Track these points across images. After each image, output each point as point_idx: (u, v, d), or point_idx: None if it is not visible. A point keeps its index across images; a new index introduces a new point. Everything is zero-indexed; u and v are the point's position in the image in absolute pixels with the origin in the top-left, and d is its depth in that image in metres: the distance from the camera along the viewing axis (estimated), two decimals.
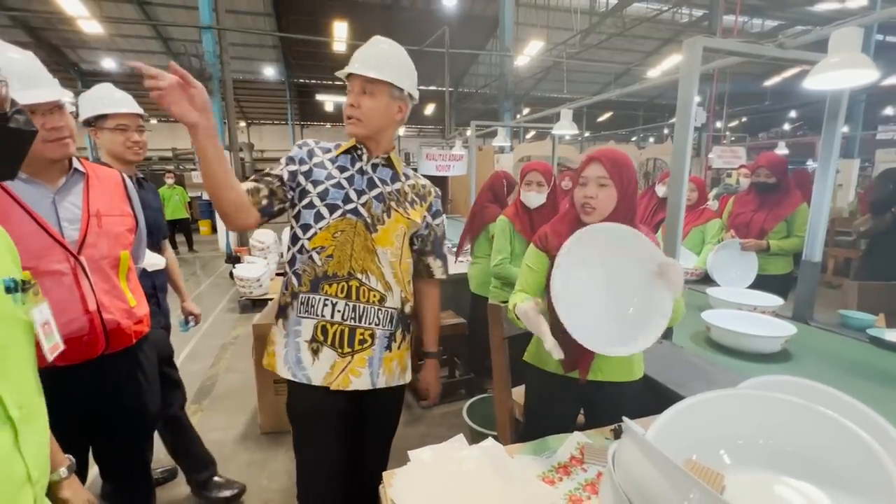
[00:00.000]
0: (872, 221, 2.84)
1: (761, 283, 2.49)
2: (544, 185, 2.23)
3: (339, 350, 1.22)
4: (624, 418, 0.70)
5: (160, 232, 1.92)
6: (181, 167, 13.25)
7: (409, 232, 1.30)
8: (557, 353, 1.07)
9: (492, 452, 1.05)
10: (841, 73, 1.51)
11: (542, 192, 2.23)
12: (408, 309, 1.34)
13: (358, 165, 1.25)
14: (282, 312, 1.27)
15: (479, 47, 11.86)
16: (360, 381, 1.25)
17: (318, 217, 1.20)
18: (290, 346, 1.23)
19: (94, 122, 1.63)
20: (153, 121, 19.45)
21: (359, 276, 1.21)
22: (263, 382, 2.45)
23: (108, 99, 1.63)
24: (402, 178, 1.31)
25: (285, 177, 1.21)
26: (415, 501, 0.90)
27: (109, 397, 1.24)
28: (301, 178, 1.21)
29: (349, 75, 1.20)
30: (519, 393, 1.69)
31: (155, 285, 1.82)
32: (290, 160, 1.23)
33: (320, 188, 1.21)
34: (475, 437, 2.06)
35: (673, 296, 1.09)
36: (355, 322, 1.22)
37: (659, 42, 13.39)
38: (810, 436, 0.69)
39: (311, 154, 1.24)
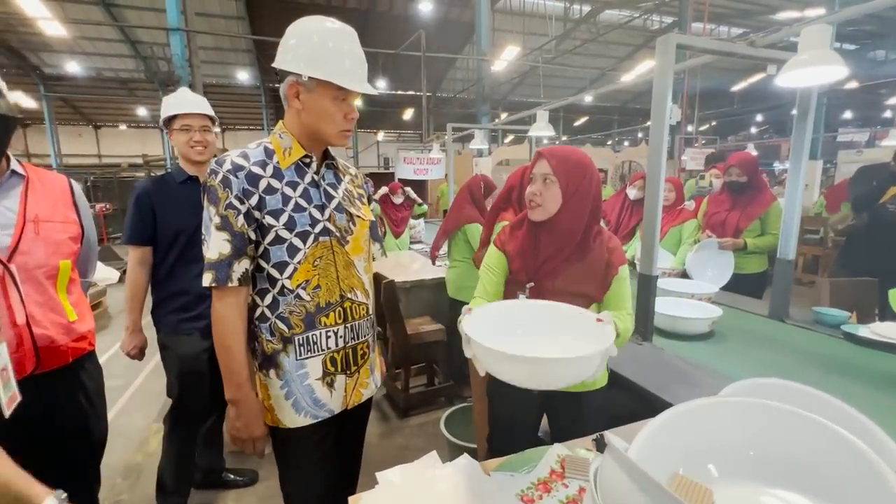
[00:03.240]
0: (854, 219, 2.85)
1: (737, 281, 2.50)
2: None
3: (348, 372, 1.17)
4: (606, 433, 0.64)
5: None
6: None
7: (369, 230, 1.23)
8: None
9: (467, 471, 0.97)
10: (811, 69, 1.51)
11: None
12: None
13: (308, 177, 1.10)
14: (270, 362, 1.09)
15: (456, 52, 11.90)
16: (368, 390, 1.24)
17: (293, 251, 1.05)
18: (300, 391, 1.10)
19: (168, 125, 1.71)
20: (122, 126, 18.91)
21: (349, 295, 1.14)
22: None
23: (177, 102, 1.70)
24: (343, 176, 1.21)
25: (248, 230, 1.02)
26: None
27: (43, 421, 1.12)
28: (255, 213, 1.02)
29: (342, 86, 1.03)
30: None
31: None
32: (236, 201, 1.00)
33: (283, 218, 1.04)
34: (453, 450, 1.98)
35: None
36: (355, 340, 1.17)
37: (631, 48, 13.73)
38: (801, 443, 0.64)
39: (251, 178, 1.01)
